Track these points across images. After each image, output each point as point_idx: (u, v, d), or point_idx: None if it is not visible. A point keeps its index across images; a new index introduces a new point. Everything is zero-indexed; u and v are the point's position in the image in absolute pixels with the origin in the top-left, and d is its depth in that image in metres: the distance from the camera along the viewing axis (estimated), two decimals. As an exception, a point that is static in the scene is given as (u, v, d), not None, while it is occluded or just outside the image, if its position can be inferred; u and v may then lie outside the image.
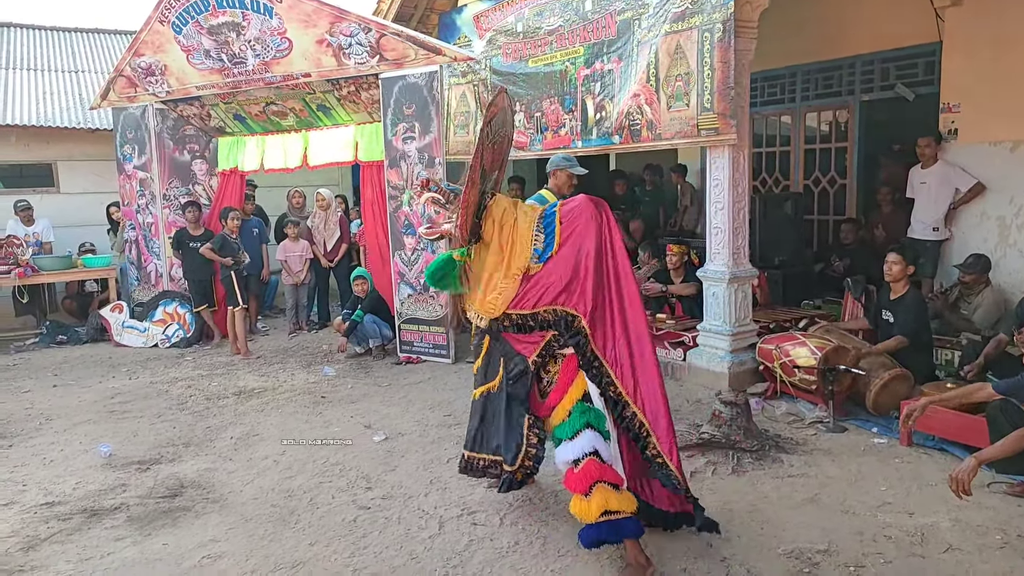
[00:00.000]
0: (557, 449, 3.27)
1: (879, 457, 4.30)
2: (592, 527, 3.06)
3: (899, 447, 4.41)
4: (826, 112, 8.25)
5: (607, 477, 3.11)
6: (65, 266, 8.92)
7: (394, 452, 4.67)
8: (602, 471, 3.11)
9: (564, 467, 3.21)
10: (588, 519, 3.06)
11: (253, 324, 8.68)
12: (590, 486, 3.07)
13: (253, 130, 8.29)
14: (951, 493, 3.19)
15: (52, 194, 10.30)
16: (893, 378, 4.84)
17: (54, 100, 10.68)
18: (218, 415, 5.64)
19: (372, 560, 3.34)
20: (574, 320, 3.19)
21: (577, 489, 3.12)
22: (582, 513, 3.08)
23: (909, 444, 4.40)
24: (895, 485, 3.89)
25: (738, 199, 5.54)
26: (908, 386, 4.84)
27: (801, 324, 5.93)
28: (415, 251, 6.91)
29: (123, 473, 4.51)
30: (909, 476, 4.01)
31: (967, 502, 3.33)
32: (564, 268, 3.22)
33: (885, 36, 7.22)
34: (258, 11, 6.87)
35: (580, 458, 3.14)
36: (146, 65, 7.94)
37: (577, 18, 6.37)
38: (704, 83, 5.35)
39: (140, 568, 3.35)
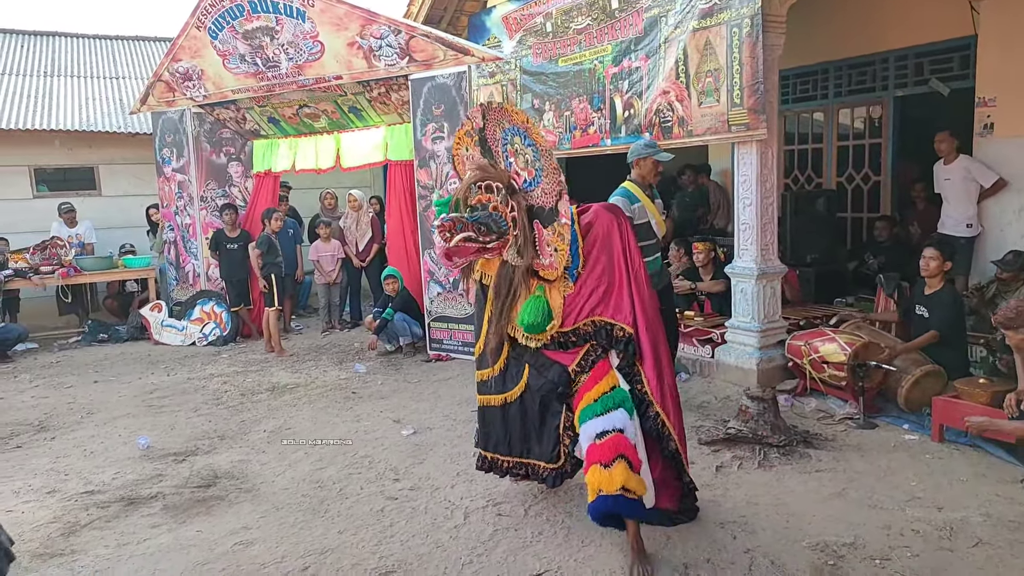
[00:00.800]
0: (584, 425, 3.19)
1: (909, 453, 4.25)
2: (608, 497, 3.01)
3: (930, 443, 4.35)
4: (859, 108, 8.16)
5: (630, 455, 3.10)
6: (106, 266, 9.19)
7: (422, 446, 4.74)
8: (627, 448, 3.11)
9: (587, 442, 3.14)
10: (608, 489, 3.01)
11: (288, 323, 8.84)
12: (613, 458, 3.05)
13: (287, 132, 8.45)
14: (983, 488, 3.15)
15: (94, 197, 10.61)
16: (925, 374, 4.78)
17: (96, 105, 11.01)
18: (252, 409, 5.76)
19: (398, 548, 3.40)
20: (612, 328, 3.21)
21: (601, 458, 3.06)
22: (602, 482, 3.03)
23: (941, 440, 4.35)
24: (925, 480, 3.85)
25: (766, 195, 5.50)
26: (941, 383, 4.77)
27: (832, 321, 5.87)
28: (444, 250, 6.98)
29: (160, 464, 4.65)
30: (940, 471, 3.96)
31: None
32: (596, 281, 3.23)
33: (919, 30, 7.12)
34: (291, 15, 7.01)
35: (608, 430, 3.11)
36: (184, 70, 8.14)
37: (605, 16, 6.39)
38: (734, 79, 5.34)
39: (174, 553, 3.46)
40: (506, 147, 3.21)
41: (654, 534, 3.31)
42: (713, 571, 3.07)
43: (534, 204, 3.17)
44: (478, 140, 3.28)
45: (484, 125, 3.23)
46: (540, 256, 3.18)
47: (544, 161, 3.09)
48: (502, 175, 3.18)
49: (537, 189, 3.14)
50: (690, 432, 4.63)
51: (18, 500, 4.15)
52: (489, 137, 3.25)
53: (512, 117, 3.15)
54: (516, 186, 3.17)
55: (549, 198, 3.12)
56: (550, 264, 3.18)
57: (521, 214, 3.10)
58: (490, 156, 3.29)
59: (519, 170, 3.19)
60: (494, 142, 3.25)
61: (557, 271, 3.18)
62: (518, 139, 3.14)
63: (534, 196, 3.15)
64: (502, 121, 3.17)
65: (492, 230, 3.06)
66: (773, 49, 5.34)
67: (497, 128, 3.21)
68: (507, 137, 3.19)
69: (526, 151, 3.14)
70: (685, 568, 3.09)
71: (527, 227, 3.13)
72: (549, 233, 3.14)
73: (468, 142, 3.35)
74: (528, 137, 3.10)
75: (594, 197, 3.80)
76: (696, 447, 4.42)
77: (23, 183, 10.29)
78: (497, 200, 3.11)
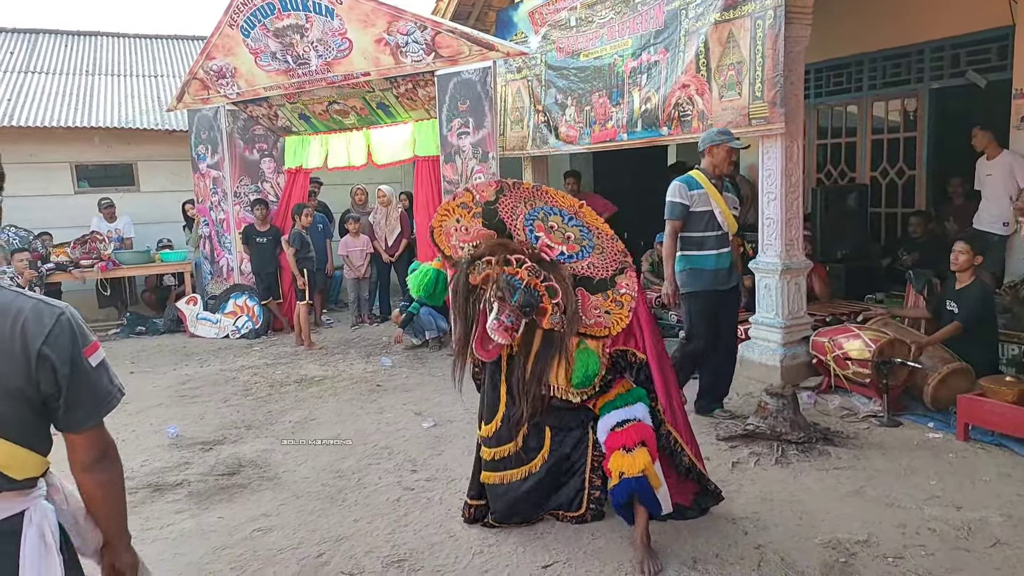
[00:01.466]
0: (603, 418, 3.22)
1: (933, 452, 4.18)
2: (631, 480, 3.05)
3: (955, 442, 4.28)
4: (894, 101, 7.99)
5: (650, 444, 3.14)
6: (144, 261, 9.43)
7: (442, 438, 4.79)
8: (648, 435, 3.15)
9: (606, 433, 3.18)
10: (630, 472, 3.05)
11: (318, 317, 8.98)
12: (636, 443, 3.10)
13: (317, 129, 8.58)
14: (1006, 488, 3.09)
15: (132, 192, 10.87)
16: (952, 372, 4.69)
17: (135, 103, 11.27)
18: (279, 401, 5.88)
19: (412, 536, 3.45)
20: (626, 354, 3.27)
21: (623, 443, 3.10)
22: (624, 465, 3.06)
23: (966, 439, 4.26)
24: (946, 479, 3.78)
25: (791, 190, 5.44)
26: (968, 380, 4.68)
27: (859, 318, 5.78)
28: (470, 244, 7.03)
29: (188, 452, 4.77)
30: (962, 471, 3.89)
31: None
32: None
33: (955, 20, 6.95)
34: (320, 13, 7.11)
35: (628, 419, 3.16)
36: (218, 68, 8.31)
37: (627, 9, 6.37)
38: (756, 72, 5.28)
39: (195, 538, 3.56)
40: (533, 222, 3.14)
41: (664, 528, 3.32)
42: (722, 566, 3.06)
43: (578, 274, 3.16)
44: (481, 213, 3.19)
45: (497, 199, 3.14)
46: (584, 318, 3.18)
47: (598, 239, 3.08)
48: (526, 248, 3.13)
49: (583, 262, 3.14)
50: (708, 428, 4.65)
51: (51, 485, 4.29)
52: (504, 212, 3.16)
53: (550, 199, 3.08)
54: (548, 258, 3.13)
55: (602, 271, 3.13)
56: (597, 323, 3.19)
57: (564, 283, 3.06)
58: (500, 229, 3.20)
59: (552, 244, 3.14)
60: (511, 217, 3.17)
61: (609, 330, 3.18)
62: (557, 218, 3.09)
63: (578, 267, 3.15)
64: (532, 199, 3.10)
65: (533, 308, 3.04)
66: (798, 41, 5.28)
67: (520, 204, 3.13)
68: (536, 214, 3.13)
69: (569, 228, 3.10)
70: (694, 562, 3.09)
71: (571, 294, 3.08)
72: (600, 298, 3.15)
73: (462, 214, 3.24)
74: (576, 219, 3.06)
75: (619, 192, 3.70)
76: (714, 443, 4.40)
77: (64, 179, 10.59)
78: (526, 273, 3.02)
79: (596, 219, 3.07)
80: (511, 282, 3.01)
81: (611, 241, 3.09)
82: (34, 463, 1.54)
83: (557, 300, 3.04)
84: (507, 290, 2.99)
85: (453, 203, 3.25)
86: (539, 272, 3.04)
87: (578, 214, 3.07)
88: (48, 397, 1.52)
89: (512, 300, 2.98)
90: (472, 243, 3.25)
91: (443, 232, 3.32)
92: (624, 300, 3.13)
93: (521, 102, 7.84)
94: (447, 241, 3.33)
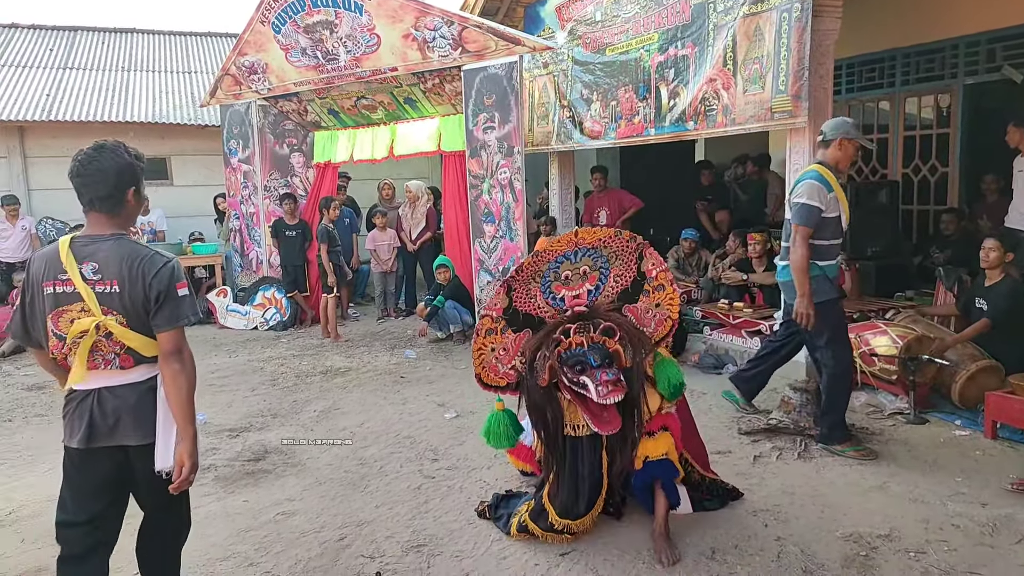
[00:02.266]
0: None
1: (959, 449, 4.12)
2: (654, 462, 3.08)
3: (982, 440, 4.21)
4: (927, 96, 7.86)
5: (673, 430, 3.16)
6: (176, 253, 9.48)
7: (463, 428, 4.83)
8: (672, 422, 3.16)
9: None
10: (654, 455, 3.08)
11: (345, 310, 9.07)
12: (659, 428, 3.12)
13: (346, 124, 8.67)
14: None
15: (166, 186, 11.07)
16: (981, 370, 4.61)
17: (169, 99, 11.48)
18: (305, 391, 5.96)
19: (431, 523, 3.49)
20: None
21: (649, 428, 3.12)
22: (647, 449, 3.09)
23: (994, 437, 4.20)
24: (972, 476, 3.73)
25: (818, 185, 5.38)
26: (998, 378, 4.60)
27: (888, 315, 5.71)
28: (494, 239, 7.07)
29: (215, 439, 4.86)
30: (989, 468, 3.83)
31: None
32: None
33: (990, 15, 6.82)
34: (349, 9, 7.19)
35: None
36: (249, 64, 8.43)
37: (653, 4, 6.35)
38: (780, 65, 5.23)
39: (220, 520, 3.63)
40: (549, 288, 3.10)
41: (683, 518, 3.31)
42: (741, 557, 3.06)
43: (612, 299, 3.13)
44: (507, 324, 3.13)
45: (511, 300, 3.10)
46: (645, 328, 3.15)
47: (607, 249, 3.02)
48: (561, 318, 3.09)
49: (609, 281, 3.10)
50: (731, 422, 4.64)
51: (83, 467, 4.40)
52: (522, 304, 3.12)
53: (551, 254, 3.03)
54: (583, 307, 3.10)
55: (627, 275, 3.11)
56: (659, 324, 3.16)
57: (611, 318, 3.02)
58: (529, 323, 3.14)
59: (576, 292, 3.11)
60: (531, 302, 3.13)
61: (672, 315, 3.17)
62: (566, 264, 3.06)
63: (609, 291, 3.12)
64: (538, 271, 3.06)
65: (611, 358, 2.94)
66: (828, 35, 5.22)
67: (531, 283, 3.10)
68: (548, 279, 3.09)
69: (580, 264, 3.06)
70: (712, 553, 3.09)
71: (624, 321, 3.05)
72: (644, 300, 3.13)
73: (493, 340, 3.14)
74: (580, 248, 3.01)
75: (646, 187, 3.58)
76: (736, 437, 4.39)
77: (101, 173, 10.80)
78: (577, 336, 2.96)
79: (595, 232, 3.04)
80: (577, 353, 2.94)
81: (616, 239, 3.05)
82: (153, 347, 2.42)
83: (619, 335, 2.99)
84: (579, 361, 2.92)
85: (480, 339, 3.14)
86: (587, 325, 2.99)
87: (578, 244, 3.03)
88: (151, 307, 2.37)
89: (592, 363, 2.90)
90: (518, 356, 3.16)
91: (488, 370, 3.20)
92: (661, 280, 3.10)
93: (547, 97, 7.85)
94: (496, 375, 3.21)
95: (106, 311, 2.34)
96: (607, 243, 3.06)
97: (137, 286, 2.34)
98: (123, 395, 2.40)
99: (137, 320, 2.37)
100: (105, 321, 2.34)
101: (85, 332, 2.34)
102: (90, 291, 2.33)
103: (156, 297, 2.35)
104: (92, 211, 2.46)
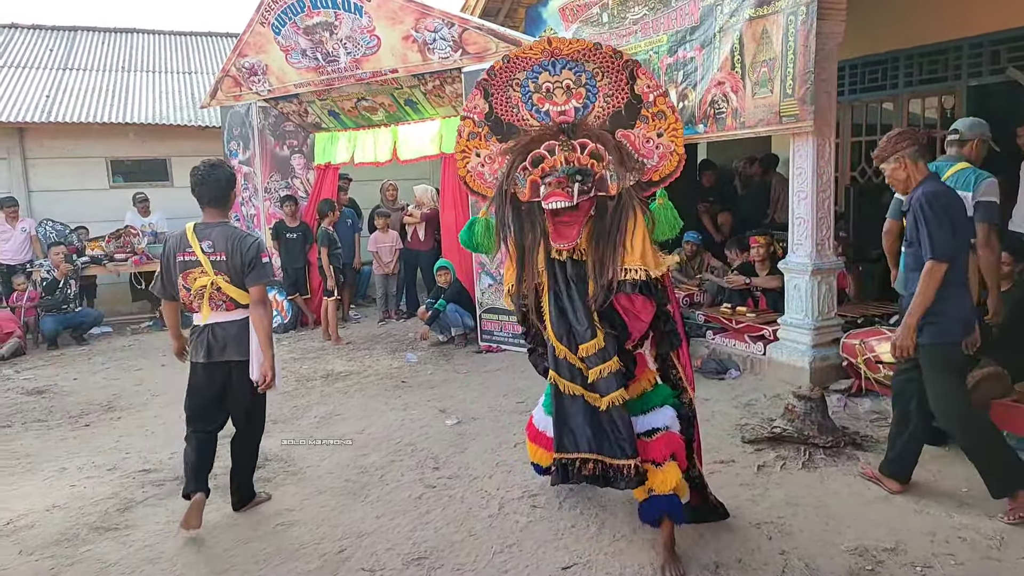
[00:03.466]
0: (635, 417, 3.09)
1: (964, 458, 4.06)
2: (663, 498, 2.98)
3: (988, 449, 4.17)
4: (931, 98, 7.81)
5: (679, 455, 3.09)
6: (176, 255, 9.55)
7: (465, 435, 4.79)
8: (677, 446, 3.08)
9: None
10: (661, 490, 2.97)
11: (346, 313, 9.04)
12: (666, 457, 3.02)
13: (346, 125, 8.63)
14: None
15: (166, 187, 11.02)
16: (986, 376, 4.55)
17: (169, 100, 11.43)
18: (306, 395, 5.93)
19: (432, 535, 3.46)
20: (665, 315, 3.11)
21: (655, 456, 3.01)
22: (655, 483, 2.97)
23: (1000, 446, 4.15)
24: (977, 487, 3.67)
25: (822, 188, 5.35)
26: (1003, 385, 4.53)
27: (892, 320, 5.67)
28: (496, 242, 7.02)
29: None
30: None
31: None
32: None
33: (995, 16, 6.76)
34: (349, 10, 7.14)
35: (657, 428, 3.07)
36: (249, 65, 8.39)
37: (661, 5, 6.30)
38: (787, 68, 5.19)
39: (220, 530, 3.60)
40: (530, 99, 2.94)
41: (686, 531, 3.27)
42: (744, 571, 3.03)
43: (603, 119, 2.90)
44: (490, 130, 3.05)
45: (491, 105, 2.98)
46: (646, 160, 2.93)
47: (590, 64, 2.80)
48: (545, 132, 2.92)
49: (598, 101, 2.88)
50: (734, 430, 4.60)
51: (81, 476, 4.38)
52: (502, 111, 3.00)
53: (525, 61, 2.84)
54: (567, 124, 2.91)
55: (618, 95, 2.86)
56: (661, 156, 2.90)
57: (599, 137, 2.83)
58: (513, 131, 3.03)
59: (561, 107, 2.92)
60: (511, 110, 2.99)
61: (678, 149, 2.89)
62: (546, 74, 2.87)
63: (599, 111, 2.89)
64: (513, 77, 2.90)
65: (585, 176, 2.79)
66: (831, 37, 5.18)
67: (510, 91, 2.95)
68: (527, 88, 2.92)
69: (562, 78, 2.86)
70: (716, 567, 3.06)
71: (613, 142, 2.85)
72: (641, 127, 2.88)
73: (476, 144, 3.09)
74: (560, 59, 2.80)
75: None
76: (739, 445, 4.36)
77: (100, 174, 10.78)
78: (562, 155, 2.81)
79: (571, 43, 2.84)
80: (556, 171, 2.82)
81: (597, 52, 2.83)
82: (246, 297, 3.56)
83: (606, 160, 2.82)
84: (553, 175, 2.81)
85: (463, 140, 3.08)
86: (573, 145, 2.83)
87: (555, 54, 2.83)
88: (244, 270, 3.52)
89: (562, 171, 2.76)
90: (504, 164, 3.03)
91: (473, 176, 3.15)
92: (660, 106, 2.85)
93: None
94: (483, 183, 3.15)
95: (217, 273, 3.53)
96: (587, 56, 2.83)
97: (236, 256, 3.51)
98: (228, 328, 3.60)
99: (237, 279, 3.55)
100: (216, 280, 3.53)
101: (204, 287, 3.52)
102: (207, 260, 3.51)
103: (248, 263, 3.52)
104: (208, 207, 3.61)
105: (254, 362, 3.56)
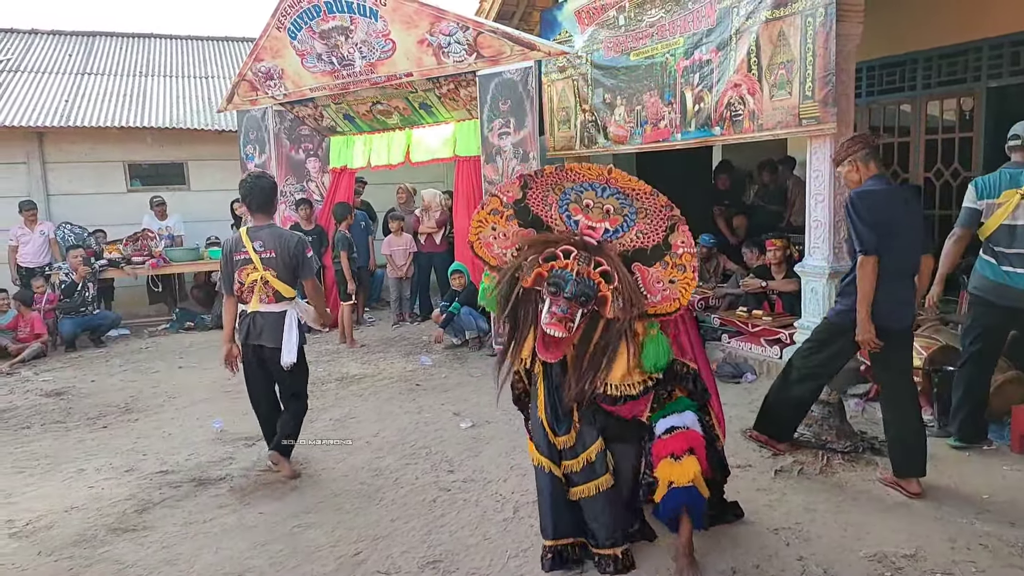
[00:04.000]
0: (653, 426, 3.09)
1: (985, 463, 4.03)
2: (681, 490, 2.93)
3: (1010, 454, 4.13)
4: (950, 100, 7.73)
5: (699, 453, 3.02)
6: (193, 258, 9.64)
7: (479, 439, 4.79)
8: (697, 443, 3.02)
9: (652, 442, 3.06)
10: (680, 481, 2.92)
11: (360, 316, 9.07)
12: (685, 450, 2.97)
13: (361, 129, 8.66)
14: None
15: (183, 191, 11.10)
16: (1008, 380, 4.52)
17: (186, 104, 11.52)
18: (320, 398, 5.94)
19: (447, 538, 3.46)
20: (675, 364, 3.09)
21: (672, 450, 2.97)
22: (673, 475, 2.93)
23: (1021, 451, 4.11)
24: (999, 492, 3.65)
25: (840, 191, 5.30)
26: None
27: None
28: (510, 245, 7.02)
29: (231, 447, 4.86)
30: (1016, 484, 3.75)
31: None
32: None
33: (1014, 16, 6.69)
34: (364, 15, 7.17)
35: (676, 426, 3.03)
36: (265, 70, 8.44)
37: (678, 8, 6.28)
38: (806, 71, 5.17)
39: (237, 533, 3.61)
40: (567, 207, 3.02)
41: (703, 537, 3.25)
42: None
43: (628, 249, 3.01)
44: (514, 214, 3.08)
45: (525, 195, 3.04)
46: (649, 295, 3.02)
47: (638, 202, 2.89)
48: (569, 236, 3.00)
49: (630, 233, 2.97)
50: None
51: (99, 477, 4.42)
52: (535, 205, 3.06)
53: (577, 176, 2.92)
54: (594, 240, 2.98)
55: (652, 236, 2.96)
56: (664, 298, 3.01)
57: (615, 264, 2.92)
58: (537, 225, 3.09)
59: (593, 224, 2.99)
60: (544, 208, 3.06)
61: (682, 300, 3.00)
62: (590, 194, 2.95)
63: (627, 240, 3.00)
64: (559, 183, 2.97)
65: (590, 298, 2.88)
66: (849, 39, 5.15)
67: (549, 192, 3.01)
68: (568, 196, 2.99)
69: (606, 201, 2.94)
70: (733, 573, 3.04)
71: (626, 275, 2.94)
72: (659, 269, 2.99)
73: (495, 220, 3.12)
74: (610, 187, 2.89)
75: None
76: (756, 450, 4.32)
77: (118, 178, 10.87)
78: (575, 263, 2.89)
79: (630, 180, 2.86)
80: (562, 275, 2.88)
81: (652, 198, 2.87)
82: (290, 292, 4.17)
83: (615, 285, 2.88)
84: (559, 283, 2.86)
85: (484, 212, 3.13)
86: (589, 259, 2.89)
87: (610, 182, 2.87)
88: (295, 266, 4.16)
89: (564, 291, 2.85)
90: (515, 247, 3.10)
91: (482, 244, 3.20)
92: (685, 261, 2.92)
93: (566, 102, 7.80)
94: (489, 252, 3.20)
95: (265, 268, 4.10)
96: (639, 196, 2.88)
97: (284, 253, 4.12)
98: (267, 317, 4.17)
99: (283, 274, 4.14)
100: (264, 275, 4.11)
101: (255, 281, 4.12)
102: (257, 257, 4.10)
103: (297, 258, 4.16)
104: (256, 212, 4.20)
105: (285, 350, 4.14)
